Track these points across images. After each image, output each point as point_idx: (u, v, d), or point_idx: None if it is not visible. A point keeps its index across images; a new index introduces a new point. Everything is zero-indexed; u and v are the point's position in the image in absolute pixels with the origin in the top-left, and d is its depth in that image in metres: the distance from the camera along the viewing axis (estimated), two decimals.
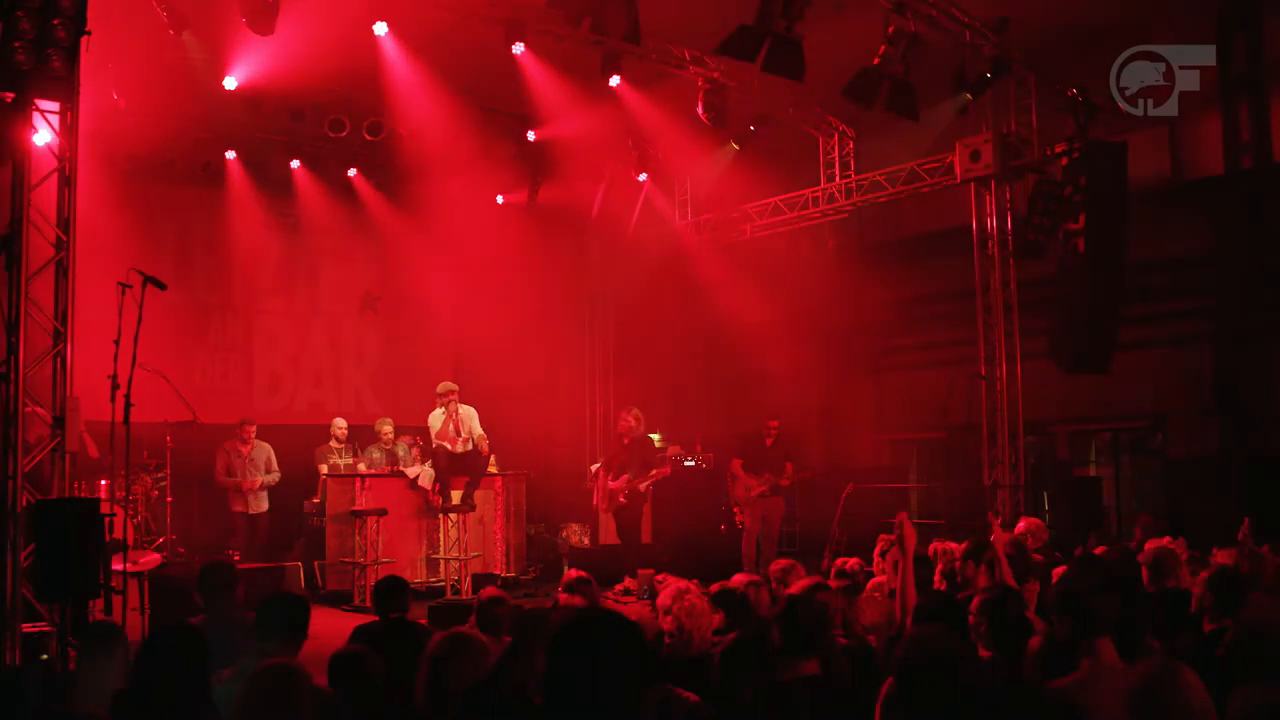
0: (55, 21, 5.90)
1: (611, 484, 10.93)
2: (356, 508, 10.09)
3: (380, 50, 9.38)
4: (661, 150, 12.15)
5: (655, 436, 13.40)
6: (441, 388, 10.12)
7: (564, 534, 11.97)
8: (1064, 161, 9.99)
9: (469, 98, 11.33)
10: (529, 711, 2.78)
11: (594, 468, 11.17)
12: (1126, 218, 10.05)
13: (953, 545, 6.41)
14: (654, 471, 10.66)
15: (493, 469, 10.77)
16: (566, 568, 10.15)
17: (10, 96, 6.10)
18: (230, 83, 9.61)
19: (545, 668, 2.28)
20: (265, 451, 10.89)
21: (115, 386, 6.43)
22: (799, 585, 5.28)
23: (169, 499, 10.09)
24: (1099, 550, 7.26)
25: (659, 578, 9.18)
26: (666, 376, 14.10)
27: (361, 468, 10.74)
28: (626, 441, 11.03)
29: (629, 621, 2.36)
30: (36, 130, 6.42)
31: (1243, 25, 10.45)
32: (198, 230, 12.32)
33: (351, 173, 12.32)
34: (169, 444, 10.08)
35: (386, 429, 11.20)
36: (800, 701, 3.43)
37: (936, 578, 5.89)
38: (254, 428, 10.84)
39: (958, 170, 10.64)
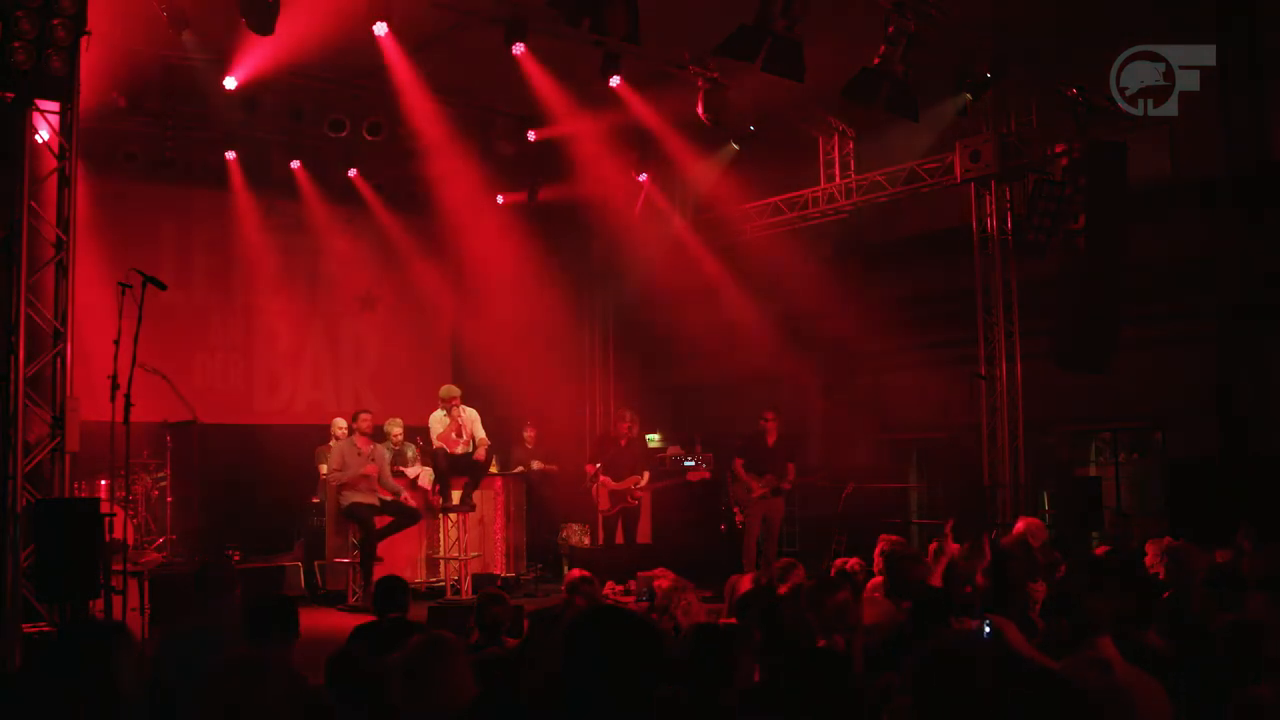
0: (55, 21, 5.92)
1: (616, 485, 10.95)
2: None
3: (380, 50, 9.38)
4: (661, 150, 12.14)
5: (654, 437, 13.42)
6: (445, 392, 10.11)
7: (564, 534, 11.96)
8: (1064, 161, 9.98)
9: (469, 98, 11.33)
10: (544, 711, 2.78)
11: (592, 469, 11.17)
12: (1126, 218, 10.04)
13: (953, 546, 6.43)
14: (690, 475, 10.95)
15: (493, 469, 10.78)
16: (567, 568, 10.16)
17: (10, 96, 6.11)
18: (230, 83, 9.61)
19: (560, 666, 2.27)
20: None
21: (115, 386, 6.43)
22: (789, 586, 5.32)
23: (169, 499, 10.11)
24: (1099, 550, 7.27)
25: (658, 579, 9.17)
26: (666, 376, 14.09)
27: None
28: (624, 443, 11.07)
29: (642, 619, 2.37)
30: (36, 130, 6.42)
31: (1242, 25, 10.44)
32: (198, 230, 12.33)
33: (351, 173, 12.32)
34: (169, 444, 10.09)
35: (396, 429, 10.88)
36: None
37: (936, 577, 5.91)
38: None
39: (958, 170, 10.63)
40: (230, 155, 11.64)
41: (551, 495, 11.97)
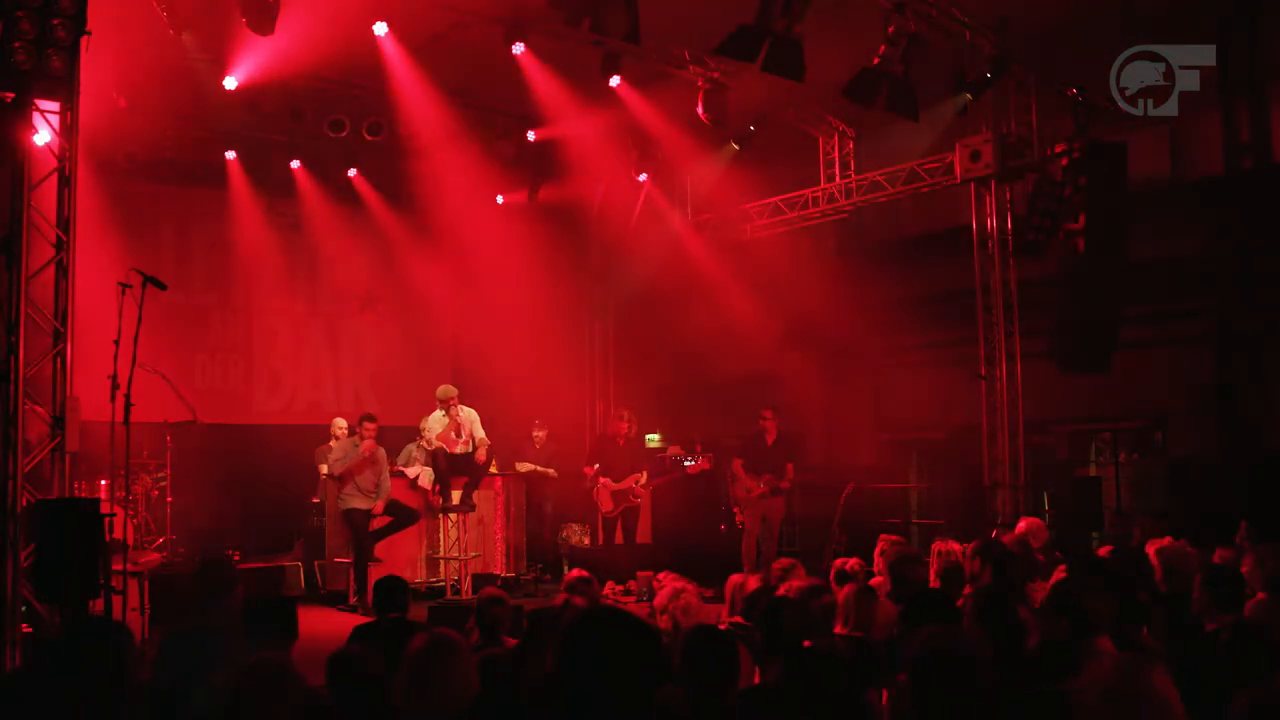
0: (55, 21, 5.91)
1: (616, 485, 10.94)
2: None
3: (380, 50, 9.38)
4: (661, 150, 12.14)
5: (654, 436, 13.42)
6: (442, 392, 10.12)
7: (564, 534, 11.97)
8: (1064, 161, 9.98)
9: (469, 98, 11.33)
10: (544, 711, 2.78)
11: (590, 471, 11.16)
12: (1126, 218, 10.05)
13: (955, 545, 6.41)
14: (689, 466, 10.95)
15: (493, 469, 10.78)
16: (567, 568, 10.16)
17: (10, 96, 6.11)
18: (230, 83, 9.60)
19: (557, 667, 2.27)
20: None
21: (115, 386, 6.43)
22: (786, 587, 5.32)
23: (169, 499, 10.11)
24: (1102, 551, 7.26)
25: (659, 578, 9.17)
26: (666, 376, 14.09)
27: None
28: (621, 443, 11.08)
29: (641, 619, 2.36)
30: (36, 130, 6.42)
31: (1243, 25, 10.44)
32: (198, 230, 12.33)
33: (351, 173, 12.32)
34: (169, 444, 10.09)
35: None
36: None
37: (932, 577, 5.91)
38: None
39: (958, 170, 10.62)
40: (230, 155, 11.64)
41: (552, 495, 11.97)
